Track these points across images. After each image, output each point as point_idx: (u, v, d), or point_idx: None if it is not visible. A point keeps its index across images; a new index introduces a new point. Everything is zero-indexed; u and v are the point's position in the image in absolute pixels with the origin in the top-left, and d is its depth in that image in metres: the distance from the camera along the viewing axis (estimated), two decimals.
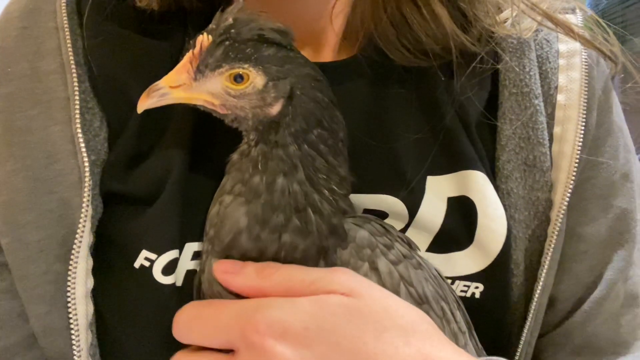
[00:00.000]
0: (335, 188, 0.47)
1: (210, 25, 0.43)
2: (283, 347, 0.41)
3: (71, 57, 0.52)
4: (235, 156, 0.47)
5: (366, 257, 0.46)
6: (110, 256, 0.51)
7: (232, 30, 0.43)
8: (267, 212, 0.44)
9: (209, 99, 0.44)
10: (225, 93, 0.44)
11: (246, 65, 0.43)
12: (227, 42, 0.42)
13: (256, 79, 0.43)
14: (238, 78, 0.43)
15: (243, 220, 0.45)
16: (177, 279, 0.50)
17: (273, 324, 0.41)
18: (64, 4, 0.53)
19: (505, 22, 0.56)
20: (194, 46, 0.43)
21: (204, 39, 0.43)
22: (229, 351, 0.44)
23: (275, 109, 0.44)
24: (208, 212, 0.48)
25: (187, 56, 0.43)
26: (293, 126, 0.45)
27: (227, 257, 0.46)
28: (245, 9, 0.44)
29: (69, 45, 0.52)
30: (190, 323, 0.46)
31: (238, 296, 0.45)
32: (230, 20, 0.43)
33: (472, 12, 0.55)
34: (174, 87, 0.44)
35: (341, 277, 0.44)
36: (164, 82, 0.44)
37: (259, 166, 0.45)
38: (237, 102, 0.44)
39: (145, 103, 0.44)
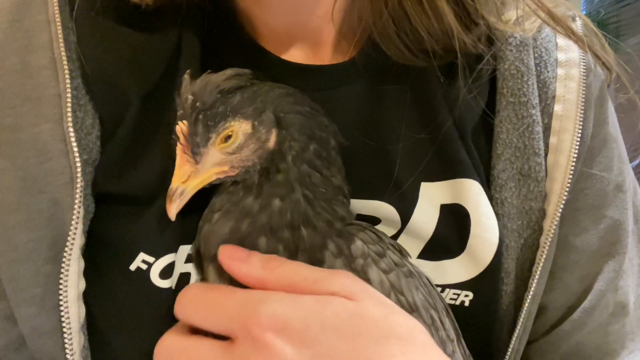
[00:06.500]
0: (332, 199, 0.48)
1: (178, 113, 0.45)
2: (282, 343, 0.41)
3: (63, 52, 0.49)
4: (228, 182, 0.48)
5: (359, 266, 0.47)
6: (103, 258, 0.50)
7: (197, 104, 0.45)
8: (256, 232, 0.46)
9: (218, 169, 0.46)
10: (227, 155, 0.46)
11: (227, 123, 0.45)
12: (200, 116, 0.45)
13: (242, 127, 0.45)
14: (228, 138, 0.46)
15: (227, 235, 0.46)
16: (172, 282, 0.49)
17: (275, 318, 0.41)
18: None
19: (508, 21, 0.55)
20: (178, 138, 0.45)
21: (182, 127, 0.45)
22: (222, 337, 0.44)
23: (272, 141, 0.46)
24: (198, 226, 0.49)
25: (179, 149, 0.46)
26: (294, 148, 0.46)
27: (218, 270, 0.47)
28: (192, 80, 0.46)
29: (60, 39, 0.49)
30: (196, 304, 0.46)
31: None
32: (190, 96, 0.45)
33: (475, 8, 0.53)
34: (185, 181, 0.46)
35: (344, 279, 0.44)
36: (175, 183, 0.46)
37: (253, 190, 0.46)
38: (240, 156, 0.46)
39: (173, 209, 0.46)
